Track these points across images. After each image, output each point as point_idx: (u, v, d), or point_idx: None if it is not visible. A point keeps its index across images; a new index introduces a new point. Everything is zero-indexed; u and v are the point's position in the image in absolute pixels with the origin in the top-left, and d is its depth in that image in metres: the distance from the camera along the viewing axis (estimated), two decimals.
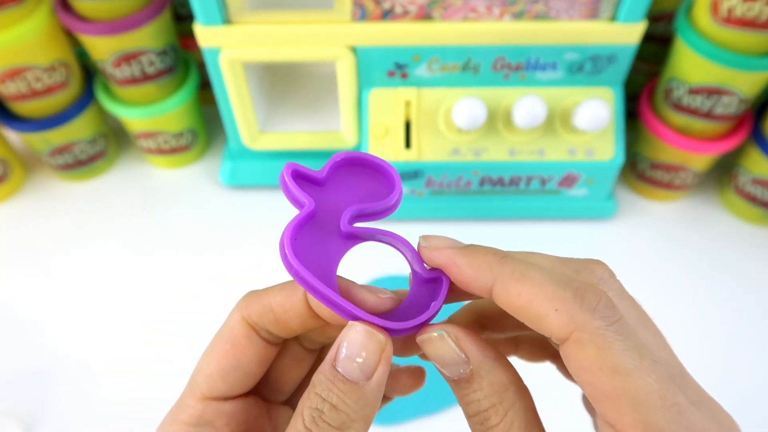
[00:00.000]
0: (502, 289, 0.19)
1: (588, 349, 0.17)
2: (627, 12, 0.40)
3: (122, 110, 0.51)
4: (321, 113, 0.51)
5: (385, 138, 0.46)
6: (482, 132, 0.45)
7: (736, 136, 0.47)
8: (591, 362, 0.17)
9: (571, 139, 0.45)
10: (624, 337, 0.17)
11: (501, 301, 0.19)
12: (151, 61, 0.48)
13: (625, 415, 0.16)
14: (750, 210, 0.51)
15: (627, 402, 0.16)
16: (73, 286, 0.49)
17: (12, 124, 0.51)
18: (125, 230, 0.52)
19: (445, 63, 0.44)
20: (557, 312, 0.17)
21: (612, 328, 0.17)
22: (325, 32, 0.42)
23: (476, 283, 0.19)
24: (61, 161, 0.54)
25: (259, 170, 0.53)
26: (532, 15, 0.41)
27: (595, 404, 0.17)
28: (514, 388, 0.19)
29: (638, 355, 0.17)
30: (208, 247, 0.51)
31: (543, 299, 0.18)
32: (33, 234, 0.53)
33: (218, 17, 0.41)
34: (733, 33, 0.40)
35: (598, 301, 0.18)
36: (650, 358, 0.17)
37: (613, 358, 0.17)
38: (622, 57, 0.43)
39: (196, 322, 0.46)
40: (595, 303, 0.18)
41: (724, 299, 0.47)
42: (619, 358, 0.17)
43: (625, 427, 0.16)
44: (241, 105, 0.46)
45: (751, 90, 0.43)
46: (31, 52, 0.46)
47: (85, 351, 0.45)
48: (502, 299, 0.19)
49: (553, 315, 0.17)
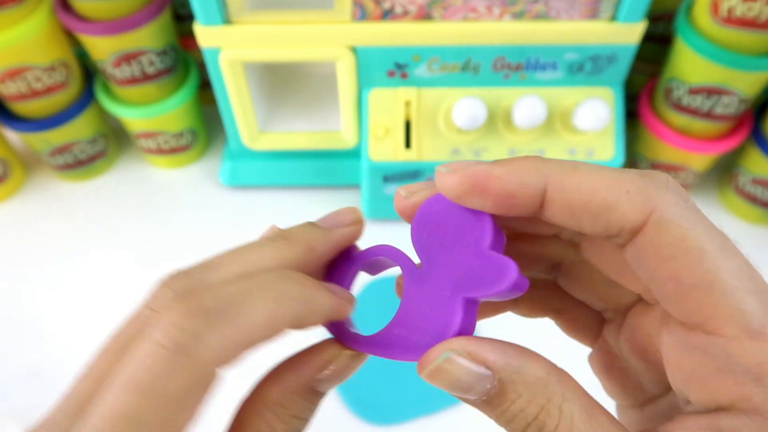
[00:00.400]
0: (557, 185, 0.15)
1: (673, 230, 0.14)
2: (627, 12, 0.40)
3: (122, 110, 0.51)
4: (321, 113, 0.51)
5: (385, 138, 0.46)
6: (482, 132, 0.45)
7: (736, 136, 0.47)
8: (677, 245, 0.14)
9: (571, 139, 0.45)
10: (703, 217, 0.15)
11: (557, 204, 0.15)
12: (151, 61, 0.48)
13: (720, 307, 0.14)
14: (750, 210, 0.51)
15: (721, 290, 0.14)
16: (73, 286, 0.49)
17: (12, 124, 0.51)
18: (125, 230, 0.52)
19: (445, 63, 0.44)
20: (629, 194, 0.15)
21: (692, 208, 0.15)
22: (325, 32, 0.42)
23: (525, 190, 0.15)
24: (61, 161, 0.54)
25: (259, 170, 0.53)
26: (532, 15, 0.41)
27: (678, 303, 0.14)
28: (554, 378, 0.15)
29: (721, 236, 0.15)
30: (208, 247, 0.51)
31: (609, 185, 0.15)
32: (33, 234, 0.53)
33: (218, 17, 0.41)
34: (733, 33, 0.40)
35: (668, 180, 0.16)
36: (729, 239, 0.15)
37: (701, 239, 0.14)
38: (622, 57, 0.43)
39: None
40: (665, 182, 0.15)
41: None
42: (705, 240, 0.14)
43: (721, 322, 0.14)
44: (241, 105, 0.46)
45: (751, 90, 0.43)
46: (31, 52, 0.46)
47: (85, 351, 0.45)
48: (559, 199, 0.15)
49: (625, 198, 0.15)
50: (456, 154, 0.45)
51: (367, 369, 0.42)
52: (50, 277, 0.49)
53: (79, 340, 0.46)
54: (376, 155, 0.46)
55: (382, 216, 0.52)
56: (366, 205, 0.51)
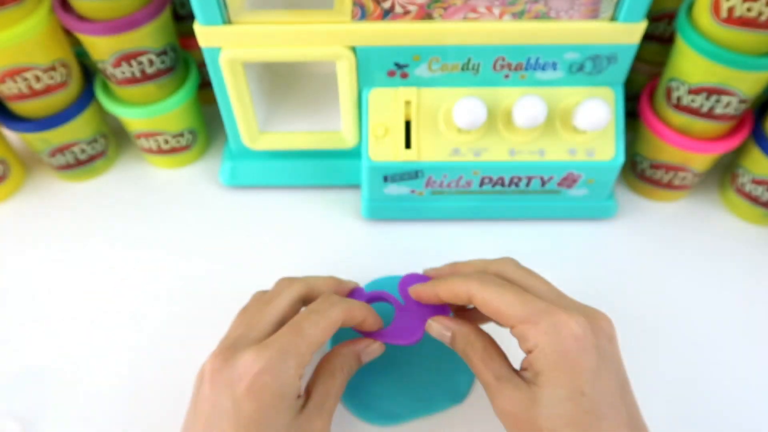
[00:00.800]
0: (476, 298, 0.34)
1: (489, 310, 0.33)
2: (627, 12, 0.40)
3: (122, 110, 0.51)
4: (321, 113, 0.51)
5: (385, 138, 0.46)
6: (482, 132, 0.45)
7: (736, 136, 0.47)
8: (492, 313, 0.33)
9: (571, 139, 0.45)
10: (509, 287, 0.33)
11: (477, 303, 0.34)
12: (151, 60, 0.48)
13: (509, 320, 0.32)
14: (751, 210, 0.51)
15: (506, 315, 0.32)
16: (73, 286, 0.49)
17: (11, 124, 0.51)
18: (125, 230, 0.52)
19: (445, 63, 0.44)
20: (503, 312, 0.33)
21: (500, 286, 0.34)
22: (325, 32, 0.42)
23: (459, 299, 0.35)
24: (61, 161, 0.54)
25: (259, 170, 0.53)
26: (532, 15, 0.41)
27: (503, 324, 0.32)
28: (473, 331, 0.35)
29: (508, 287, 0.33)
30: (207, 247, 0.51)
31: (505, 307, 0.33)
32: (32, 234, 0.53)
33: (218, 17, 0.41)
34: (733, 33, 0.40)
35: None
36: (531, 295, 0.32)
37: (504, 306, 0.32)
38: (622, 57, 0.43)
39: (197, 322, 0.46)
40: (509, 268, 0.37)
41: (725, 299, 0.47)
42: (503, 304, 0.32)
43: (514, 323, 0.31)
44: (241, 105, 0.46)
45: (751, 90, 0.43)
46: (31, 51, 0.46)
47: (85, 351, 0.45)
48: (477, 303, 0.34)
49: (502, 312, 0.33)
50: (456, 154, 0.45)
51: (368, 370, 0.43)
52: (50, 277, 0.49)
53: (79, 340, 0.46)
54: (376, 155, 0.46)
55: (381, 216, 0.52)
56: (366, 205, 0.51)
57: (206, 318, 0.46)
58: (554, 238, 0.50)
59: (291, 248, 0.50)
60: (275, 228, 0.52)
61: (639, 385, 0.42)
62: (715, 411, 0.41)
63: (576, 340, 0.29)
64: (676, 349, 0.44)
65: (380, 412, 0.41)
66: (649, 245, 0.50)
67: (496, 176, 0.47)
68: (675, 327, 0.45)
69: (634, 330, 0.45)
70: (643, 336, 0.44)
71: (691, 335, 0.45)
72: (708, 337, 0.45)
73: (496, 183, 0.48)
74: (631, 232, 0.51)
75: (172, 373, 0.42)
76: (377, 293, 0.40)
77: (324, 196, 0.54)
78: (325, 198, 0.54)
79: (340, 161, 0.52)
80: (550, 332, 0.29)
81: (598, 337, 0.30)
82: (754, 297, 0.47)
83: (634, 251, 0.50)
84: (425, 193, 0.49)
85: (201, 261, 0.50)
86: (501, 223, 0.52)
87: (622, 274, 0.48)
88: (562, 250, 0.50)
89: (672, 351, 0.44)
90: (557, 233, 0.51)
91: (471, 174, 0.47)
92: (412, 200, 0.50)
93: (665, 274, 0.48)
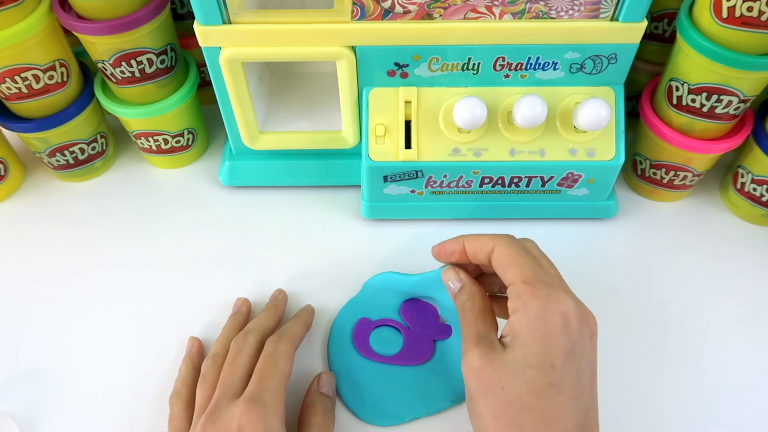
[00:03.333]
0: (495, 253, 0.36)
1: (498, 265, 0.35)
2: (628, 11, 0.40)
3: (121, 110, 0.51)
4: (321, 113, 0.51)
5: (385, 138, 0.46)
6: (482, 132, 0.45)
7: (737, 135, 0.47)
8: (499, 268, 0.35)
9: (571, 139, 0.45)
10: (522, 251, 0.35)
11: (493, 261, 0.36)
12: (150, 60, 0.48)
13: (512, 277, 0.33)
14: (751, 210, 0.51)
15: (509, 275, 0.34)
16: (72, 286, 0.48)
17: (10, 124, 0.51)
18: (124, 230, 0.52)
19: (445, 62, 0.44)
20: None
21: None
22: (325, 32, 0.41)
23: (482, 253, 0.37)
24: (61, 161, 0.54)
25: (258, 170, 0.53)
26: (533, 14, 0.41)
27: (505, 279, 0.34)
28: (476, 289, 0.37)
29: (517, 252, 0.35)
30: (207, 246, 0.51)
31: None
32: (31, 234, 0.53)
33: (218, 17, 0.41)
34: (734, 33, 0.40)
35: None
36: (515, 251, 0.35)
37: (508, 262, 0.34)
38: (623, 56, 0.43)
39: (196, 322, 0.46)
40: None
41: (726, 299, 0.47)
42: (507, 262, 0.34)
43: (513, 280, 0.33)
44: (240, 105, 0.46)
45: (752, 90, 0.43)
46: (30, 51, 0.46)
47: (85, 351, 0.45)
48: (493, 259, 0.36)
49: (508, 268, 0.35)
50: (456, 154, 0.45)
51: (368, 370, 0.43)
52: (49, 277, 0.49)
53: (78, 340, 0.46)
54: (375, 155, 0.46)
55: (381, 216, 0.52)
56: (366, 205, 0.51)
57: (206, 318, 0.46)
58: (555, 238, 0.50)
59: (291, 248, 0.50)
60: (275, 228, 0.52)
61: (639, 384, 0.42)
62: (716, 410, 0.41)
63: (562, 318, 0.31)
64: (676, 348, 0.44)
65: (380, 412, 0.41)
66: (650, 245, 0.50)
67: (497, 176, 0.47)
68: (675, 326, 0.45)
69: (634, 329, 0.45)
70: (643, 335, 0.44)
71: (692, 334, 0.45)
72: (708, 336, 0.45)
73: (497, 183, 0.48)
74: (631, 232, 0.51)
75: (172, 373, 0.42)
76: (382, 321, 0.44)
77: (324, 196, 0.54)
78: (324, 198, 0.54)
79: (340, 161, 0.52)
80: (542, 300, 0.31)
81: (582, 326, 0.32)
82: (755, 297, 0.47)
83: (635, 251, 0.50)
84: (425, 193, 0.49)
85: (200, 261, 0.50)
86: (501, 223, 0.51)
87: (623, 274, 0.48)
88: (562, 250, 0.50)
89: (672, 350, 0.44)
90: (558, 233, 0.51)
91: (471, 174, 0.47)
92: (412, 200, 0.50)
93: (666, 273, 0.48)
